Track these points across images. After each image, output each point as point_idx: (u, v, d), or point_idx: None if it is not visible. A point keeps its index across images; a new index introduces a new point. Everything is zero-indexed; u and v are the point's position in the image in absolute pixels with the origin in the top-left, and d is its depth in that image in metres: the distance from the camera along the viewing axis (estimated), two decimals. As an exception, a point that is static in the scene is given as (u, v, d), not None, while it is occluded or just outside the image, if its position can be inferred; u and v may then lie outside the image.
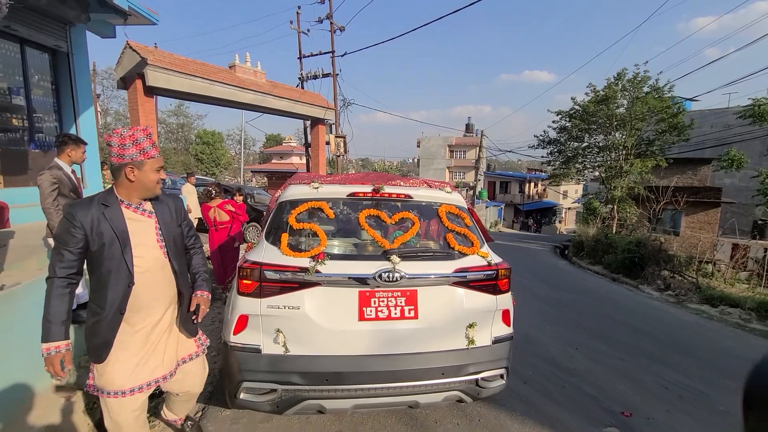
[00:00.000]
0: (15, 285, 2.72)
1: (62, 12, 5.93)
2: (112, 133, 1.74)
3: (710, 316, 6.08)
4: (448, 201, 2.60)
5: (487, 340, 2.34)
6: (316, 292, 2.15)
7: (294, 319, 2.13)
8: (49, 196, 3.29)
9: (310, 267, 2.13)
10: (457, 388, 2.25)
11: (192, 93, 9.49)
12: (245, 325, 2.18)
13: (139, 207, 1.83)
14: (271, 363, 2.12)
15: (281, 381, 2.11)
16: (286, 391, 2.12)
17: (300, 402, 2.13)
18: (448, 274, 2.28)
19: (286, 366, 2.11)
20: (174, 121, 39.15)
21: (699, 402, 3.17)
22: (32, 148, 5.96)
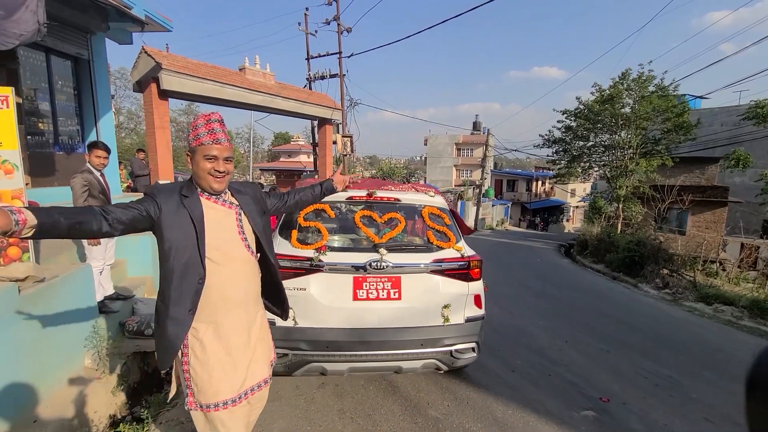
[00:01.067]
0: (54, 277, 3.05)
1: (84, 22, 6.31)
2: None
3: (702, 313, 6.26)
4: (431, 203, 3.09)
5: (461, 318, 2.83)
6: (319, 277, 2.68)
7: (301, 298, 2.64)
8: (80, 197, 3.64)
9: (314, 257, 2.67)
10: (434, 357, 2.76)
11: (204, 95, 9.85)
12: None
13: (220, 197, 1.64)
14: (284, 333, 2.58)
15: (292, 347, 2.62)
16: (296, 355, 2.64)
17: (306, 364, 2.66)
18: (427, 263, 2.78)
19: (296, 335, 2.63)
20: (185, 120, 39.83)
21: (673, 390, 3.41)
22: (57, 150, 6.35)
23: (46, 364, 2.96)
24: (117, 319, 4.09)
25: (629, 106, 16.52)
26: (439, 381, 3.34)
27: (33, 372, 2.80)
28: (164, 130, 9.27)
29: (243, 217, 1.68)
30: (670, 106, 15.54)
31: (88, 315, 3.57)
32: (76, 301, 3.39)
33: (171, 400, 2.86)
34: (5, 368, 2.54)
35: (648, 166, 16.28)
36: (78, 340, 3.40)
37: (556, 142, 19.28)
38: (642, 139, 16.60)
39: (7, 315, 2.55)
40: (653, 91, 15.94)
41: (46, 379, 2.93)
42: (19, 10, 3.74)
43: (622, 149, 17.10)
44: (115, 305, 4.07)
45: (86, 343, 3.47)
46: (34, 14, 3.87)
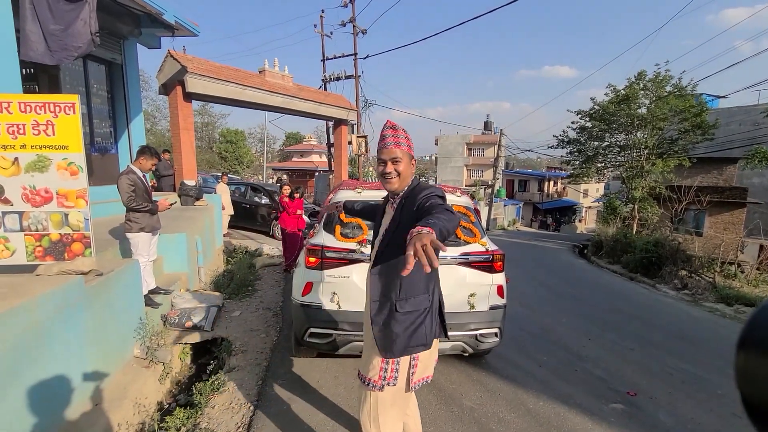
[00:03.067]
0: (110, 271, 3.27)
1: (118, 28, 6.58)
2: None
3: (723, 314, 6.29)
4: (458, 203, 3.42)
5: (485, 306, 3.12)
6: (361, 267, 2.99)
7: (345, 285, 3.01)
8: (127, 194, 3.85)
9: (357, 249, 3.02)
10: (461, 339, 3.05)
11: (226, 97, 10.11)
12: (309, 290, 3.07)
13: (395, 201, 1.77)
14: (330, 316, 3.00)
15: (336, 328, 2.98)
16: (339, 335, 2.98)
17: (348, 343, 3.00)
18: (455, 256, 3.08)
19: (339, 318, 2.98)
20: (199, 121, 40.47)
21: (700, 386, 3.50)
22: (93, 151, 6.64)
23: (105, 351, 3.17)
24: (159, 312, 4.32)
25: (645, 106, 16.40)
26: (470, 374, 3.48)
27: (96, 358, 3.01)
28: (188, 132, 9.54)
29: (392, 222, 1.73)
30: (688, 106, 15.39)
31: (137, 308, 3.80)
32: (127, 295, 3.61)
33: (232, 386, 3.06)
34: (76, 354, 2.76)
35: (665, 166, 16.16)
36: (129, 331, 3.61)
37: (571, 143, 19.22)
38: (658, 139, 16.47)
39: (77, 305, 2.76)
40: (670, 92, 15.82)
41: (107, 365, 3.14)
42: (75, 23, 3.99)
43: (638, 149, 16.98)
44: (157, 299, 4.29)
45: (135, 334, 3.69)
46: (86, 24, 4.12)
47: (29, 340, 2.31)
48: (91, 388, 2.88)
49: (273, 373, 3.45)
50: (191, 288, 5.44)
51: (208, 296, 5.03)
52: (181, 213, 7.05)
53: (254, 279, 6.68)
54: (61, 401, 2.58)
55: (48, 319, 2.47)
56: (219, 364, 3.99)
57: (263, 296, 5.78)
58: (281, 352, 3.86)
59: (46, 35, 3.98)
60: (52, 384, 2.48)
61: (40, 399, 2.35)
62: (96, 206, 5.86)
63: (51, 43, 4.02)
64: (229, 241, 9.52)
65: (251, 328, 4.52)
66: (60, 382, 2.57)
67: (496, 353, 3.95)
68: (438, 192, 1.62)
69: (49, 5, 3.98)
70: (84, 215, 3.10)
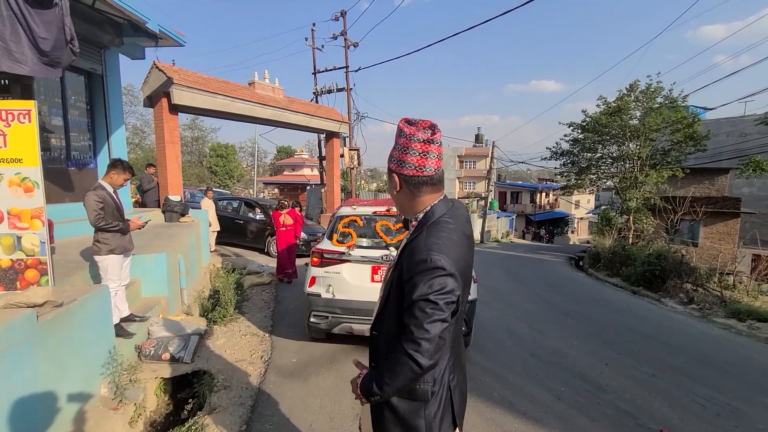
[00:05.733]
0: (72, 301, 2.85)
1: (98, 37, 6.23)
2: None
3: (738, 331, 5.99)
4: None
5: None
6: (349, 266, 3.92)
7: (337, 279, 3.93)
8: (94, 213, 3.45)
9: (346, 252, 3.93)
10: None
11: (214, 110, 9.79)
12: (314, 282, 4.05)
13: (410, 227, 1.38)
14: (326, 302, 3.95)
15: (331, 312, 3.95)
16: (333, 317, 3.95)
17: (340, 324, 3.94)
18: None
19: (333, 304, 3.93)
20: (189, 135, 40.01)
21: (737, 420, 3.15)
22: (69, 166, 6.21)
23: (62, 396, 2.73)
24: (133, 342, 3.88)
25: (636, 118, 16.45)
26: (482, 411, 3.10)
27: (48, 406, 2.58)
28: (174, 145, 9.17)
29: (397, 261, 1.30)
30: (680, 118, 15.45)
31: (105, 340, 3.36)
32: (93, 326, 3.18)
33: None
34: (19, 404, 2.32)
35: (658, 177, 16.12)
36: (95, 368, 3.18)
37: (564, 155, 19.18)
38: (651, 150, 16.47)
39: (24, 345, 2.34)
40: (661, 103, 15.89)
41: (62, 413, 2.70)
42: (60, 34, 3.68)
43: (631, 161, 16.96)
44: (131, 328, 3.85)
45: (103, 371, 3.25)
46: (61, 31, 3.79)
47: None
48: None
49: (259, 414, 3.03)
50: (172, 313, 5.00)
51: (188, 323, 4.59)
52: (165, 230, 6.62)
53: (242, 300, 6.25)
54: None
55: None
56: (199, 402, 3.55)
57: (251, 319, 5.35)
58: (269, 388, 3.44)
59: (30, 45, 3.68)
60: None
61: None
62: (71, 224, 5.49)
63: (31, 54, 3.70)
64: (219, 258, 9.06)
65: (236, 359, 4.09)
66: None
67: (509, 384, 3.58)
68: (427, 267, 1.12)
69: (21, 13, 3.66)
70: (40, 238, 2.70)
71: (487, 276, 8.71)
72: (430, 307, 1.09)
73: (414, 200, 1.28)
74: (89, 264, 4.10)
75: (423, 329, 1.09)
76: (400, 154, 1.25)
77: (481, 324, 5.27)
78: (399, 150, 1.25)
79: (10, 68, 3.59)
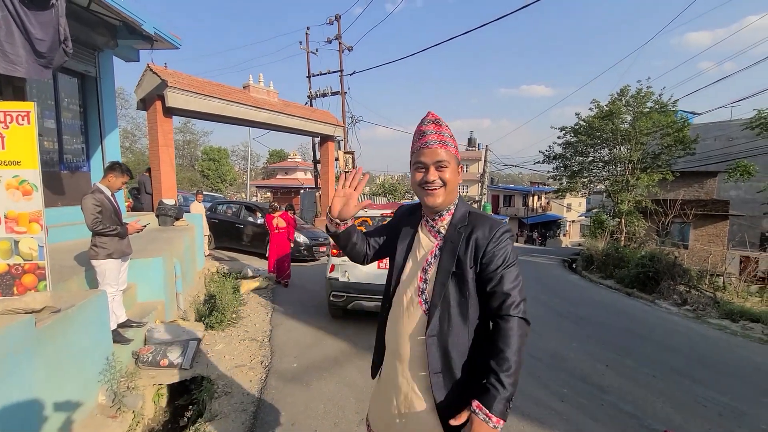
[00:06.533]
0: (70, 306, 2.79)
1: (92, 39, 6.16)
2: None
3: (733, 331, 6.07)
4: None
5: None
6: None
7: (351, 266, 4.77)
8: (92, 216, 3.38)
9: None
10: None
11: (209, 113, 9.71)
12: (333, 269, 4.97)
13: (434, 225, 1.34)
14: (343, 285, 4.87)
15: (347, 292, 4.84)
16: (349, 296, 4.84)
17: (354, 302, 4.83)
18: None
19: (349, 286, 4.84)
20: (180, 138, 39.66)
21: (739, 420, 3.18)
22: (62, 169, 6.11)
23: (60, 403, 2.66)
24: (130, 348, 3.80)
25: (627, 122, 16.71)
26: (488, 414, 3.08)
27: (45, 414, 2.51)
28: (168, 148, 9.07)
29: (439, 253, 1.27)
30: (670, 122, 15.72)
31: (103, 346, 3.29)
32: (91, 332, 3.11)
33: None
34: (16, 412, 2.26)
35: (649, 180, 16.36)
36: (92, 375, 3.11)
37: (557, 158, 19.38)
38: (642, 154, 16.73)
39: (23, 352, 2.28)
40: (652, 107, 16.17)
41: (59, 421, 2.63)
42: (55, 35, 3.63)
43: (623, 164, 17.20)
44: (128, 333, 3.78)
45: (100, 378, 3.18)
46: (56, 31, 3.73)
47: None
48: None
49: (262, 421, 2.98)
50: (168, 318, 4.92)
51: (186, 328, 4.53)
52: (159, 234, 6.53)
53: (239, 305, 6.17)
54: (-3, 476, 2.08)
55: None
56: (199, 410, 3.49)
57: (248, 324, 5.29)
58: (270, 394, 3.39)
59: (26, 46, 3.62)
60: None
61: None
62: (64, 229, 5.39)
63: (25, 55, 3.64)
64: (213, 262, 8.95)
65: (236, 364, 4.03)
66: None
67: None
68: (510, 234, 1.25)
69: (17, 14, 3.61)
70: (38, 242, 2.64)
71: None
72: (518, 271, 1.19)
73: (458, 188, 1.35)
74: (84, 269, 4.02)
75: (522, 291, 1.16)
76: (456, 143, 1.31)
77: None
78: (454, 139, 1.31)
79: (5, 70, 3.53)
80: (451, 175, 1.25)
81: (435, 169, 1.24)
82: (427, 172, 1.24)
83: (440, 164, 1.24)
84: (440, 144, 1.24)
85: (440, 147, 1.24)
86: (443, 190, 1.25)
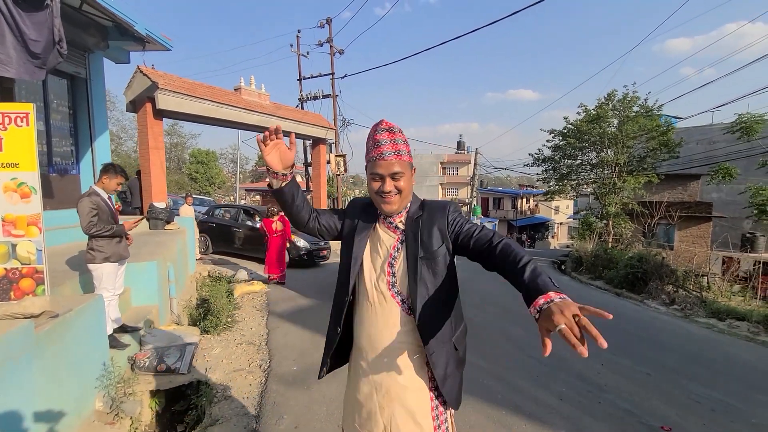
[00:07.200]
0: (68, 311, 2.73)
1: (83, 40, 6.07)
2: None
3: (720, 329, 6.25)
4: None
5: None
6: None
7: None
8: (87, 219, 3.33)
9: None
10: None
11: (200, 115, 9.63)
12: None
13: (392, 221, 1.38)
14: None
15: None
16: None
17: None
18: None
19: None
20: (168, 141, 39.08)
21: (732, 415, 3.28)
22: (50, 172, 5.99)
23: (57, 410, 2.61)
24: (126, 353, 3.74)
25: (614, 126, 17.08)
26: (489, 413, 3.12)
27: (42, 421, 2.45)
28: (159, 151, 8.96)
29: (402, 246, 1.33)
30: (655, 126, 16.12)
31: (100, 352, 3.23)
32: (88, 337, 3.06)
33: None
34: (14, 419, 2.21)
35: (636, 183, 16.72)
36: (89, 381, 3.04)
37: (546, 161, 19.67)
38: (628, 157, 17.09)
39: (23, 358, 2.23)
40: (637, 112, 16.56)
41: (57, 428, 2.57)
42: (49, 36, 3.57)
43: (610, 167, 17.55)
44: (125, 339, 3.72)
45: (97, 384, 3.12)
46: (50, 32, 3.68)
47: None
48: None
49: (264, 424, 2.96)
50: (162, 322, 4.85)
51: (182, 333, 4.47)
52: (151, 238, 6.44)
53: (233, 309, 6.11)
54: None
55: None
56: (198, 415, 3.45)
57: (245, 328, 5.24)
58: (272, 397, 3.37)
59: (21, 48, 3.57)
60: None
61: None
62: (53, 233, 5.26)
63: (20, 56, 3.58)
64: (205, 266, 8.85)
65: (234, 368, 3.99)
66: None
67: (511, 386, 3.62)
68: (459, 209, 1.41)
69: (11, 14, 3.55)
70: (36, 246, 2.59)
71: (476, 280, 8.78)
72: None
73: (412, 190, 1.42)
74: (78, 273, 3.95)
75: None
76: (409, 149, 1.36)
77: (477, 327, 5.32)
78: (408, 145, 1.36)
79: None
80: (405, 183, 1.31)
81: (391, 179, 1.28)
82: (383, 183, 1.29)
83: (395, 175, 1.28)
84: (395, 155, 1.28)
85: (395, 158, 1.28)
86: (398, 197, 1.31)
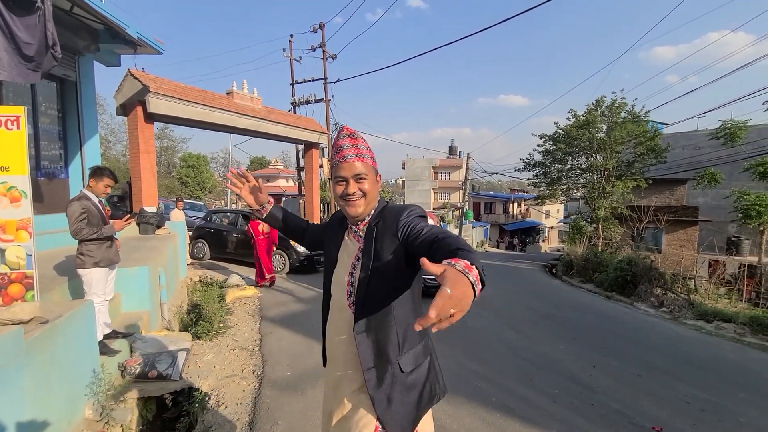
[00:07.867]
0: (58, 317, 2.69)
1: (73, 43, 6.02)
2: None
3: (708, 331, 6.36)
4: None
5: None
6: None
7: None
8: (75, 224, 3.28)
9: None
10: None
11: (192, 119, 9.57)
12: None
13: (357, 230, 1.39)
14: None
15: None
16: None
17: None
18: None
19: None
20: (158, 145, 38.67)
21: (720, 415, 3.34)
22: (38, 176, 5.89)
23: (46, 419, 2.56)
24: (116, 360, 3.68)
25: (603, 131, 17.36)
26: (484, 417, 3.13)
27: (33, 428, 2.40)
28: (149, 155, 8.88)
29: (362, 255, 1.32)
30: (643, 131, 16.43)
31: (90, 358, 3.18)
32: (78, 344, 3.01)
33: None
34: (7, 426, 2.16)
35: (624, 187, 16.99)
36: (79, 388, 2.99)
37: (537, 166, 19.89)
38: (617, 162, 17.38)
39: (13, 364, 2.19)
40: (625, 118, 16.86)
41: (51, 424, 2.52)
42: (42, 39, 3.54)
43: (599, 172, 17.82)
44: (115, 345, 3.67)
45: (87, 391, 3.07)
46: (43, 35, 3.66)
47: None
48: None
49: (258, 430, 2.94)
50: (153, 328, 4.79)
51: (173, 339, 4.41)
52: (141, 243, 6.36)
53: (225, 314, 6.05)
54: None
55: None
56: (190, 422, 3.40)
57: (237, 334, 5.19)
58: (266, 403, 3.34)
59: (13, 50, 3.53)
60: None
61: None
62: (41, 238, 5.15)
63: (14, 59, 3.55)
64: (195, 271, 8.75)
65: (227, 374, 3.96)
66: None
67: (505, 389, 3.64)
68: (421, 212, 1.33)
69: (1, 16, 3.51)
70: (26, 251, 2.55)
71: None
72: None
73: (378, 196, 1.42)
74: (67, 278, 3.89)
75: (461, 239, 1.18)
76: (372, 155, 1.38)
77: (472, 331, 5.35)
78: (371, 151, 1.38)
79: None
80: (370, 186, 1.32)
81: (354, 181, 1.30)
82: (347, 185, 1.31)
83: (359, 177, 1.30)
84: (357, 157, 1.30)
85: (357, 160, 1.30)
86: (363, 200, 1.32)
